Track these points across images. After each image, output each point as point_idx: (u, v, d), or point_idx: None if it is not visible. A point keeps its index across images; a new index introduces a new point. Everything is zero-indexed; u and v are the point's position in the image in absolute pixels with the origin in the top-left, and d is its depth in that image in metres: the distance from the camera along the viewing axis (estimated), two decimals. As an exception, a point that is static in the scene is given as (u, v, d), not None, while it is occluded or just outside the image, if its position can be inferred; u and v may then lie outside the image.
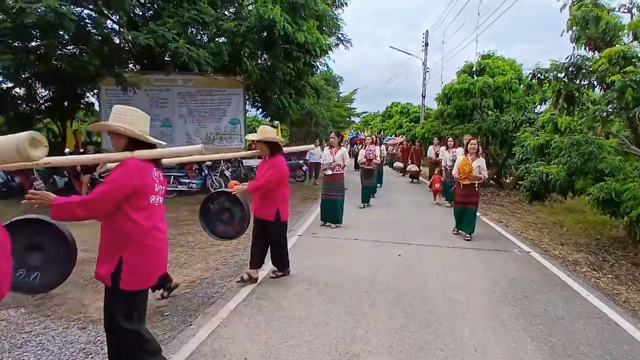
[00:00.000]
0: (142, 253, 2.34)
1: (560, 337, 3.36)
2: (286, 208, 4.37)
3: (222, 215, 4.10)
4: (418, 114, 27.33)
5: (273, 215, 4.23)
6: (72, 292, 4.18)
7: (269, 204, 4.23)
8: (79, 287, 4.36)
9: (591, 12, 6.60)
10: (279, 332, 3.31)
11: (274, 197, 4.22)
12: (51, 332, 3.30)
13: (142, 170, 2.33)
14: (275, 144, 4.31)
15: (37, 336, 3.23)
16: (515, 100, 13.35)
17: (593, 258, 5.89)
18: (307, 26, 10.42)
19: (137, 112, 2.53)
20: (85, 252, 5.57)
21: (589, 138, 6.75)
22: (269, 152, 4.28)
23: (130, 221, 2.29)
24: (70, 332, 3.31)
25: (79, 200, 2.21)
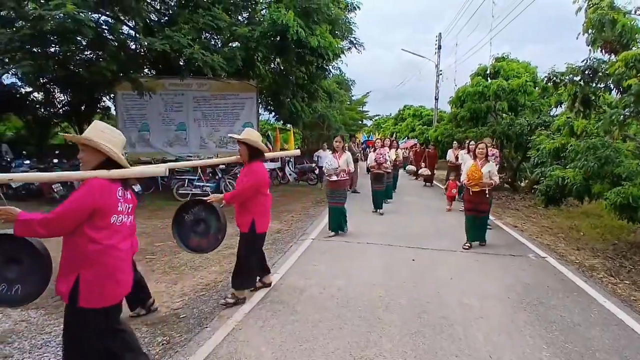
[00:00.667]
0: (99, 271, 2.32)
1: (576, 344, 3.32)
2: (264, 219, 4.06)
3: (197, 226, 3.81)
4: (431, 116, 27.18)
5: (247, 225, 3.92)
6: (91, 294, 4.26)
7: (244, 213, 3.94)
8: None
9: (607, 15, 6.52)
10: (293, 335, 3.34)
11: (250, 207, 3.92)
12: (70, 334, 3.36)
13: (105, 189, 2.32)
14: (256, 149, 3.97)
15: (57, 337, 3.29)
16: (530, 103, 13.20)
17: (610, 264, 5.79)
18: (320, 30, 10.48)
19: (117, 133, 2.57)
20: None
21: (606, 142, 6.66)
22: (247, 157, 3.97)
23: (88, 240, 2.28)
24: (89, 334, 3.37)
25: (40, 218, 2.21)
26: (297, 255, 5.70)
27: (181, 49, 8.90)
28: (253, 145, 3.93)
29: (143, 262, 5.36)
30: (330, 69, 14.74)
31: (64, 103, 16.46)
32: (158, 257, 5.63)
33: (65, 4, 7.63)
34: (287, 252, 5.92)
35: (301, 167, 15.81)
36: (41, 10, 7.71)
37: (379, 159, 8.80)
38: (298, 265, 5.26)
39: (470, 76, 15.00)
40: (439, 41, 23.95)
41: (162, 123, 13.42)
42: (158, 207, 9.56)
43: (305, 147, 24.62)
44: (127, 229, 2.53)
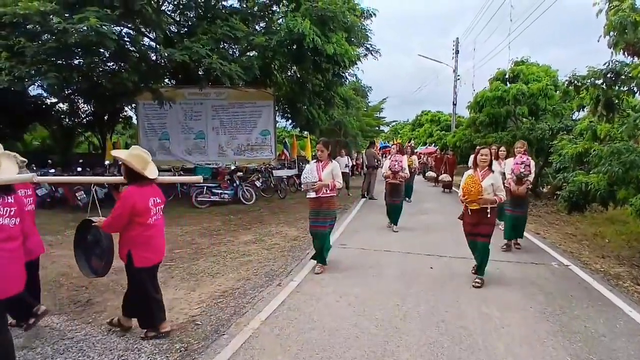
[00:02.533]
0: None
1: (601, 356, 3.21)
2: (146, 252, 3.41)
3: (96, 247, 3.63)
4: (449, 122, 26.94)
5: (124, 257, 3.41)
6: (112, 300, 4.36)
7: (122, 244, 3.42)
8: (118, 295, 4.52)
9: (629, 17, 6.36)
10: (309, 344, 3.33)
11: (126, 237, 3.38)
12: (92, 339, 3.44)
13: None
14: (134, 172, 3.36)
15: (78, 342, 3.38)
16: (551, 107, 12.96)
17: (637, 272, 5.59)
18: (336, 38, 10.54)
19: None
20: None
21: (631, 146, 6.47)
22: (126, 178, 3.46)
23: None
24: (110, 339, 3.45)
25: None
26: (314, 263, 5.68)
27: (200, 59, 9.08)
28: (129, 166, 3.36)
29: (162, 269, 5.43)
30: (346, 76, 14.79)
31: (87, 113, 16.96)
32: (177, 263, 5.70)
33: (88, 17, 7.89)
34: (304, 259, 5.92)
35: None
36: (65, 23, 7.99)
37: (394, 166, 7.67)
38: (314, 273, 5.24)
39: (489, 81, 14.85)
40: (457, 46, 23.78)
41: (181, 132, 13.68)
42: (178, 214, 9.70)
43: None
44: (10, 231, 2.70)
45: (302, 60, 11.09)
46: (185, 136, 13.73)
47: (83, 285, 4.78)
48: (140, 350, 3.28)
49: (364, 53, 13.87)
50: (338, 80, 13.94)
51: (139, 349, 3.30)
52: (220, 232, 7.84)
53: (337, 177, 5.36)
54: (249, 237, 7.36)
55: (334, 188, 5.36)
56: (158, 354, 3.23)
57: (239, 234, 7.65)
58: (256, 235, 7.55)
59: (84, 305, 4.22)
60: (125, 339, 3.45)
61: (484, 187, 4.69)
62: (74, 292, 4.59)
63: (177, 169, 12.54)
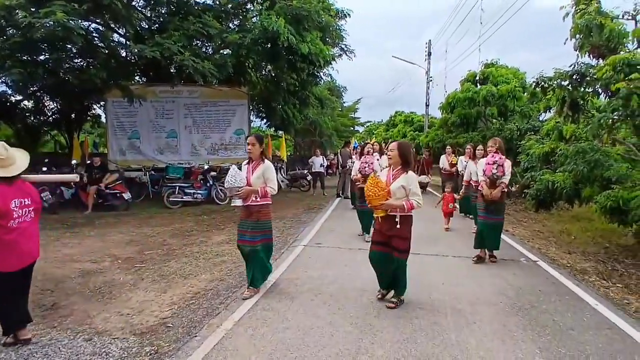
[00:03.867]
0: None
1: (569, 348, 3.30)
2: (6, 257, 3.08)
3: None
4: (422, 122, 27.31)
5: None
6: (79, 304, 4.21)
7: None
8: (85, 298, 4.39)
9: (594, 20, 6.61)
10: (283, 343, 3.29)
11: None
12: (57, 344, 3.31)
13: None
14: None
15: (43, 347, 3.24)
16: (520, 108, 13.34)
17: (602, 267, 5.81)
18: (311, 37, 10.51)
19: None
20: (92, 263, 5.61)
21: (595, 146, 6.71)
22: None
23: None
24: (76, 344, 3.32)
25: None
26: (289, 262, 5.65)
27: (171, 55, 8.88)
28: None
29: (132, 271, 5.28)
30: (321, 76, 14.78)
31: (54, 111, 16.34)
32: (147, 265, 5.55)
33: (55, 12, 7.59)
34: (279, 259, 5.86)
35: (293, 174, 15.81)
36: (31, 18, 7.67)
37: (363, 169, 6.90)
38: (289, 272, 5.21)
39: (460, 82, 15.16)
40: (429, 48, 24.14)
41: (152, 130, 13.34)
42: (149, 215, 9.48)
43: (297, 153, 24.63)
44: None
45: (277, 59, 11.01)
46: (157, 135, 13.39)
47: (48, 289, 4.60)
48: (109, 354, 3.17)
49: (338, 53, 13.89)
50: (313, 80, 13.92)
51: (107, 353, 3.18)
52: (193, 232, 7.69)
53: (269, 181, 4.36)
54: (223, 238, 7.24)
55: (266, 195, 4.35)
56: (127, 357, 3.12)
57: (212, 235, 7.53)
58: (230, 235, 7.43)
59: (50, 309, 4.05)
60: (92, 344, 3.32)
61: (392, 191, 3.92)
62: (38, 295, 4.39)
63: (148, 168, 12.22)
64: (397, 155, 4.02)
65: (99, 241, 6.95)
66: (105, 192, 10.02)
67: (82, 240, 6.99)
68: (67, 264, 5.56)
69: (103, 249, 6.39)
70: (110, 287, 4.71)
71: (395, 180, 3.99)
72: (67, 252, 6.22)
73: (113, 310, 4.05)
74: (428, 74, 24.10)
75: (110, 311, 4.02)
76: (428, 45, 24.27)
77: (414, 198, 3.94)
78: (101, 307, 4.12)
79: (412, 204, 3.91)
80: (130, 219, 8.93)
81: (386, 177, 4.08)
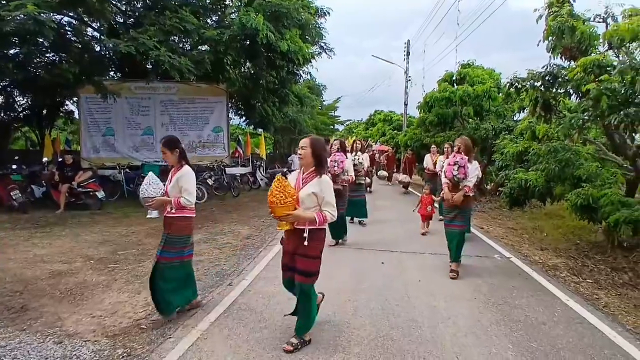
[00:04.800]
0: None
1: (541, 343, 3.39)
2: None
3: None
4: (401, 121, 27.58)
5: None
6: (49, 306, 4.08)
7: None
8: (56, 299, 4.26)
9: (567, 22, 6.78)
10: (260, 343, 3.27)
11: None
12: (26, 347, 3.21)
13: None
14: None
15: (12, 351, 3.14)
16: (495, 108, 13.62)
17: (572, 263, 5.98)
18: (290, 35, 10.47)
19: None
20: (64, 264, 5.45)
21: (566, 145, 6.90)
22: None
23: None
24: (46, 347, 3.23)
25: None
26: (267, 261, 5.62)
27: (147, 51, 8.69)
28: None
29: (105, 272, 5.16)
30: (300, 74, 14.77)
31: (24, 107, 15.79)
32: (121, 265, 5.42)
33: (25, 4, 7.33)
34: (257, 257, 5.83)
35: (272, 172, 15.73)
36: (1, 10, 7.37)
37: (332, 168, 6.13)
38: (267, 271, 5.17)
39: (438, 82, 15.36)
40: (408, 48, 24.38)
41: (127, 127, 13.05)
42: (123, 214, 9.27)
43: (277, 151, 24.54)
44: None
45: (256, 56, 10.94)
46: (132, 132, 13.11)
47: (18, 291, 4.44)
48: (79, 357, 3.08)
49: (318, 51, 13.88)
50: (292, 78, 13.89)
51: (78, 356, 3.10)
52: (169, 231, 7.56)
53: (184, 190, 3.69)
54: (200, 237, 7.14)
55: (178, 204, 3.67)
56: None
57: (189, 233, 7.41)
58: (207, 234, 7.35)
59: (19, 312, 3.91)
60: (62, 347, 3.23)
61: (301, 198, 3.11)
62: (7, 297, 4.25)
63: (122, 166, 11.96)
64: (310, 154, 3.18)
65: (71, 241, 6.76)
66: (78, 190, 9.74)
67: (54, 241, 6.78)
68: (37, 265, 5.38)
69: (75, 250, 6.22)
70: (82, 288, 4.59)
71: (305, 185, 3.18)
72: (38, 252, 6.03)
73: (85, 312, 3.94)
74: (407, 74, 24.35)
75: (82, 313, 3.91)
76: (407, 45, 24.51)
77: (327, 209, 3.13)
78: (72, 309, 4.00)
79: (325, 216, 3.12)
80: (103, 219, 8.72)
81: (295, 180, 3.27)
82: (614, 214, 5.45)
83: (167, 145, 3.77)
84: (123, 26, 10.76)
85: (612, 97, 5.54)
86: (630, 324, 3.85)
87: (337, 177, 6.17)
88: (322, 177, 3.17)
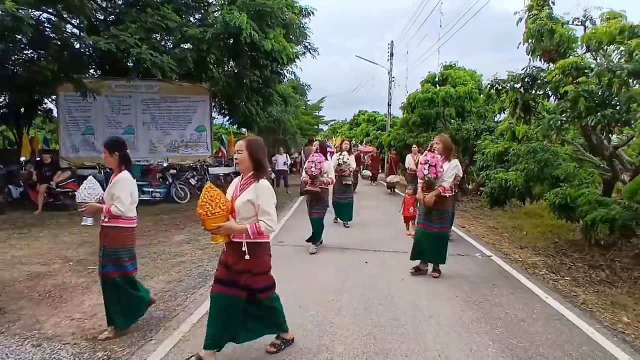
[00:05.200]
0: None
1: (520, 340, 3.45)
2: None
3: None
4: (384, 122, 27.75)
5: None
6: (26, 308, 3.99)
7: None
8: (34, 302, 4.16)
9: (546, 25, 6.93)
10: (243, 344, 3.24)
11: None
12: (5, 350, 3.14)
13: None
14: None
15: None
16: (476, 109, 13.83)
17: (551, 261, 6.10)
18: (274, 34, 10.42)
19: None
20: (42, 266, 5.32)
21: (545, 146, 7.05)
22: None
23: None
24: (24, 350, 3.16)
25: None
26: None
27: (128, 48, 8.53)
28: None
29: (85, 273, 5.06)
30: (285, 73, 14.70)
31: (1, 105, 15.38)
32: (101, 267, 5.31)
33: (3, 1, 7.13)
34: (240, 258, 5.78)
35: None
36: None
37: (310, 169, 6.02)
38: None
39: (421, 83, 15.51)
40: (391, 49, 24.54)
41: (108, 126, 12.80)
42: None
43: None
44: None
45: (239, 55, 10.84)
46: (113, 131, 12.83)
47: (-6, 293, 4.33)
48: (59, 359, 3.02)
49: (302, 51, 13.84)
50: (276, 77, 13.80)
51: (56, 359, 3.04)
52: (151, 232, 7.45)
53: (117, 199, 3.32)
54: (182, 237, 7.07)
55: (109, 212, 3.32)
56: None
57: (171, 234, 7.32)
58: (190, 235, 7.27)
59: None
60: (41, 349, 3.16)
61: (237, 207, 2.81)
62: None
63: (102, 166, 11.72)
64: (247, 157, 2.85)
65: (50, 242, 6.61)
66: (57, 190, 9.53)
67: (32, 242, 6.62)
68: (15, 267, 5.25)
69: (54, 251, 6.09)
70: (61, 290, 4.49)
71: (242, 192, 2.84)
72: (16, 254, 5.88)
73: (64, 314, 3.86)
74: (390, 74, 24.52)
75: (61, 315, 3.83)
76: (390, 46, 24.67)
77: (262, 218, 2.76)
78: (51, 312, 3.92)
79: (259, 228, 2.74)
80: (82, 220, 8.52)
81: (234, 187, 2.98)
82: (591, 213, 5.58)
83: (107, 147, 3.45)
84: (103, 23, 10.53)
85: (590, 99, 5.67)
86: (607, 321, 3.95)
87: (315, 179, 6.03)
88: (259, 182, 2.81)
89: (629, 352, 3.30)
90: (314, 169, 5.97)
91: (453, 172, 4.84)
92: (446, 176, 4.79)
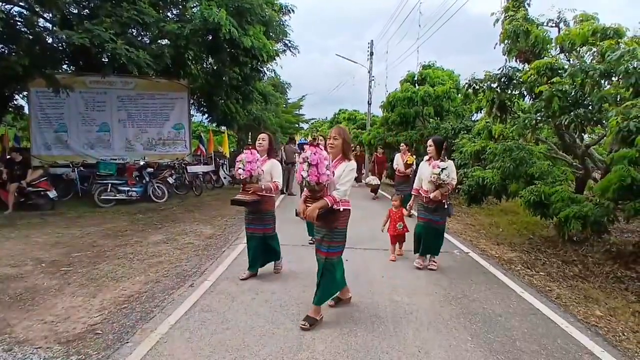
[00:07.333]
0: None
1: (498, 334, 3.52)
2: None
3: None
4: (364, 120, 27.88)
5: None
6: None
7: None
8: (4, 305, 4.00)
9: (521, 26, 7.08)
10: (223, 345, 3.20)
11: None
12: (-29, 356, 3.00)
13: None
14: None
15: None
16: (454, 108, 14.04)
17: (526, 257, 6.25)
18: (254, 31, 10.33)
19: None
20: (12, 268, 5.14)
21: (520, 144, 7.20)
22: None
23: None
24: (-7, 355, 3.04)
25: None
26: (230, 260, 5.53)
27: (103, 43, 8.29)
28: None
29: (57, 275, 4.90)
30: (265, 71, 14.61)
31: (-33, 100, 14.75)
32: (75, 268, 5.16)
33: None
34: (220, 257, 5.71)
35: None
36: None
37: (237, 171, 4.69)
38: (231, 271, 5.08)
39: (400, 82, 15.65)
40: (371, 48, 24.62)
41: (82, 123, 12.43)
42: (77, 214, 8.84)
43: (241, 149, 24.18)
44: None
45: (218, 52, 10.70)
46: (87, 128, 12.50)
47: (-39, 297, 4.15)
48: (28, 365, 2.92)
49: (282, 49, 13.79)
50: (256, 75, 13.71)
51: (26, 364, 2.93)
52: (127, 232, 7.28)
53: None
54: (160, 237, 6.93)
55: None
56: (49, 368, 2.89)
57: (148, 234, 7.17)
58: (168, 234, 7.14)
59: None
60: (12, 354, 3.04)
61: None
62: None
63: (76, 164, 11.40)
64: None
65: (21, 243, 6.38)
66: (28, 190, 9.20)
67: (2, 243, 6.37)
68: (-18, 269, 5.05)
69: (25, 252, 5.87)
70: (33, 293, 4.34)
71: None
72: (-17, 256, 5.66)
73: (35, 317, 3.73)
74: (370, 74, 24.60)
75: (33, 319, 3.69)
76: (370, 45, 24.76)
77: None
78: (22, 315, 3.77)
79: None
80: (56, 219, 8.28)
81: None
82: (565, 209, 5.73)
83: None
84: (77, 17, 10.19)
85: (563, 99, 5.83)
86: (580, 314, 4.07)
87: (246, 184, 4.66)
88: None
89: (601, 345, 3.41)
90: (242, 170, 4.50)
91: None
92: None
